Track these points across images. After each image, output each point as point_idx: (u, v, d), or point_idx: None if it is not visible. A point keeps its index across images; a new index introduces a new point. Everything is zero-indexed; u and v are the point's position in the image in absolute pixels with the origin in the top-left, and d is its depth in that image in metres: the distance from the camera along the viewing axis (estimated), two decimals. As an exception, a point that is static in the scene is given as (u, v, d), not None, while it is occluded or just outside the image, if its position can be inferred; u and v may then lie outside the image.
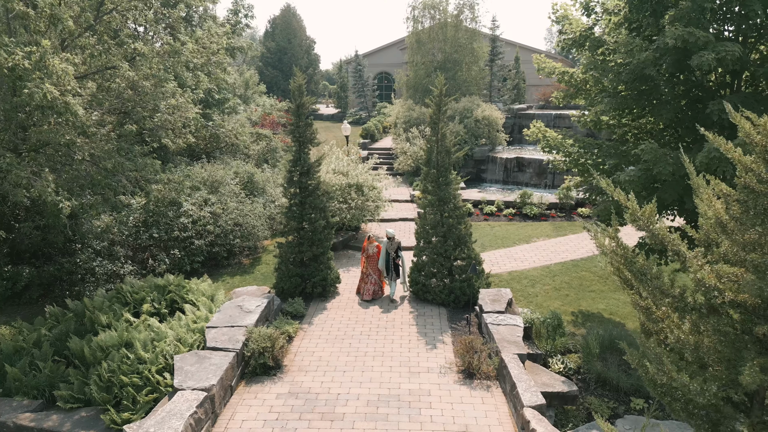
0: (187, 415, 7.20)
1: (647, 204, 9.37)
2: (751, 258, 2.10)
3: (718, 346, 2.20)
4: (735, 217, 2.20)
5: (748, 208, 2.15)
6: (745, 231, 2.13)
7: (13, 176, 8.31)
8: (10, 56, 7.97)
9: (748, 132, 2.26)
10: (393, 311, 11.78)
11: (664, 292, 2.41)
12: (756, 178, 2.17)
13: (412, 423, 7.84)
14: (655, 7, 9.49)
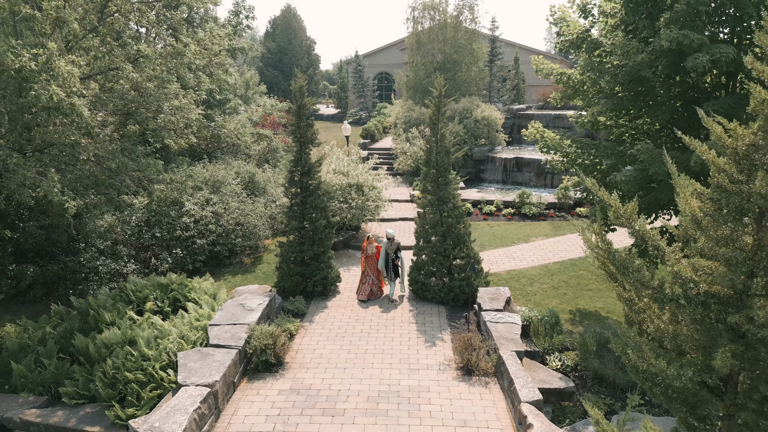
0: (191, 410, 7.35)
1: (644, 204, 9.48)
2: (723, 252, 2.24)
3: (694, 334, 2.35)
4: (709, 215, 2.35)
5: (721, 206, 2.30)
6: (718, 227, 2.29)
7: (20, 176, 8.46)
8: (17, 58, 8.12)
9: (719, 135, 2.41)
10: (393, 310, 11.93)
11: (645, 284, 2.57)
12: (728, 178, 2.32)
13: (412, 418, 7.98)
14: (651, 10, 9.63)
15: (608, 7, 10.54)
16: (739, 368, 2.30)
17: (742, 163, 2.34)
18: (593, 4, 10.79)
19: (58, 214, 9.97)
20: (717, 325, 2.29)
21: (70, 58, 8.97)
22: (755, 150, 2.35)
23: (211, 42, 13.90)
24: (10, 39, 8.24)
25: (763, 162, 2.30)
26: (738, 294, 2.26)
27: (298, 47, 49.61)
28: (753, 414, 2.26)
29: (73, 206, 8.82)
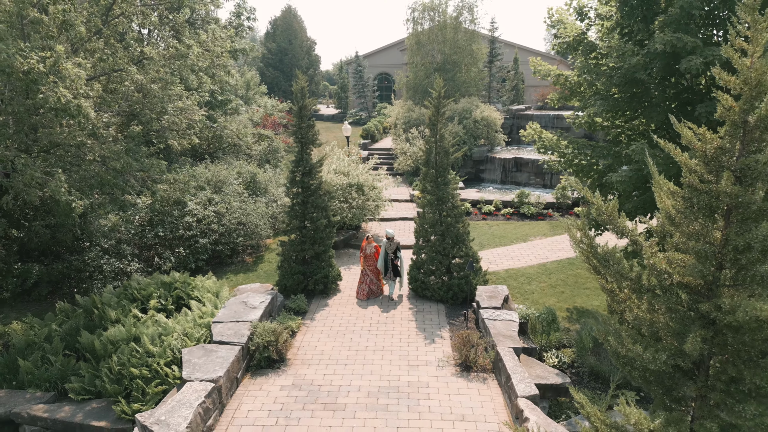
0: (196, 405, 7.53)
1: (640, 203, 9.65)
2: (694, 246, 2.43)
3: (669, 322, 2.53)
4: (681, 212, 2.53)
5: (692, 204, 2.48)
6: (690, 223, 2.47)
7: (27, 176, 8.64)
8: (26, 60, 8.31)
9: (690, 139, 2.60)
10: (393, 308, 12.12)
11: (624, 276, 2.75)
12: (698, 178, 2.51)
13: (411, 413, 8.17)
14: (646, 13, 9.81)
15: (604, 10, 10.72)
16: (709, 353, 2.49)
17: (711, 164, 2.53)
18: (590, 7, 10.97)
19: (64, 214, 10.16)
20: (689, 313, 2.47)
21: (77, 61, 9.15)
22: (722, 153, 2.54)
23: (213, 44, 14.09)
24: (19, 42, 8.42)
25: (730, 164, 2.49)
26: (708, 284, 2.45)
27: (298, 48, 49.79)
28: (722, 394, 2.44)
29: (80, 206, 9.00)
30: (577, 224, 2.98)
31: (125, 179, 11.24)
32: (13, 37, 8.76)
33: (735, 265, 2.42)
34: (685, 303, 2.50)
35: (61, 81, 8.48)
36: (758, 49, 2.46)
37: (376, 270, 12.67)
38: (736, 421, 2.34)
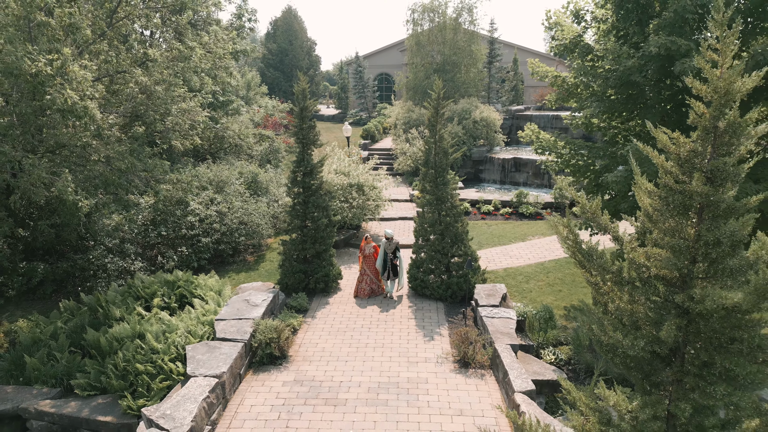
0: (201, 399, 7.72)
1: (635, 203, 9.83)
2: (670, 241, 2.61)
3: (647, 311, 2.71)
4: (658, 210, 2.72)
5: (668, 203, 2.67)
6: (666, 221, 2.65)
7: (35, 176, 8.82)
8: (33, 63, 8.49)
9: (664, 143, 2.79)
10: (392, 306, 12.30)
11: (606, 270, 2.94)
12: (673, 179, 2.69)
13: (411, 408, 8.36)
14: (641, 17, 10.00)
15: (600, 14, 10.91)
16: (684, 340, 2.67)
17: (685, 166, 2.72)
18: (586, 10, 11.16)
19: (70, 213, 10.34)
20: (665, 304, 2.65)
21: (83, 63, 9.34)
22: (695, 155, 2.72)
23: (216, 45, 14.28)
24: (27, 45, 8.60)
25: (702, 166, 2.68)
26: (682, 277, 2.64)
27: (298, 48, 49.97)
28: (695, 378, 2.62)
29: (86, 205, 9.18)
30: (563, 221, 3.17)
31: (129, 179, 11.42)
32: (21, 40, 8.95)
33: (707, 259, 2.61)
34: (661, 294, 2.69)
35: (68, 83, 8.67)
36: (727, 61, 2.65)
37: (376, 270, 12.83)
38: (707, 402, 2.53)
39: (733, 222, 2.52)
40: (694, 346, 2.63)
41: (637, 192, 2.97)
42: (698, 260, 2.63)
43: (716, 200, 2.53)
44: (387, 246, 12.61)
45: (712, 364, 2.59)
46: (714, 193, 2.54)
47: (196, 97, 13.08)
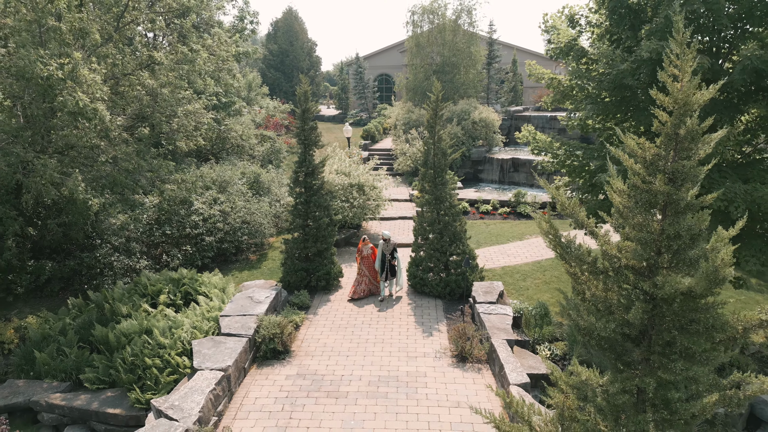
0: (207, 391, 8.02)
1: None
2: (637, 235, 2.91)
3: (619, 298, 3.00)
4: (627, 207, 3.02)
5: (636, 201, 2.97)
6: (634, 216, 2.95)
7: (47, 176, 9.12)
8: (45, 67, 8.79)
9: (632, 148, 3.09)
10: (392, 304, 12.60)
11: (583, 261, 3.23)
12: (640, 179, 2.99)
13: (409, 400, 8.66)
14: (633, 22, 10.30)
15: (594, 19, 11.20)
16: (650, 322, 2.96)
17: (650, 168, 3.01)
18: (581, 15, 11.45)
19: (80, 212, 10.63)
20: (634, 291, 2.95)
21: (92, 67, 9.64)
22: (659, 159, 3.02)
23: (219, 48, 14.57)
24: (40, 50, 8.90)
25: (664, 168, 2.97)
26: (649, 266, 2.93)
27: (299, 49, 50.23)
28: (659, 356, 2.92)
29: (96, 203, 9.48)
30: (544, 218, 3.46)
31: (136, 179, 11.72)
32: (34, 45, 9.25)
33: (670, 251, 2.91)
34: (631, 282, 2.98)
35: (79, 86, 8.97)
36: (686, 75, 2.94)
37: (374, 270, 12.99)
38: (669, 377, 2.82)
39: (690, 217, 2.82)
40: (660, 328, 2.93)
41: (609, 191, 3.27)
42: (662, 252, 2.92)
43: (677, 198, 2.83)
44: (385, 247, 12.77)
45: (673, 343, 2.88)
46: (675, 192, 2.84)
47: (201, 100, 13.37)
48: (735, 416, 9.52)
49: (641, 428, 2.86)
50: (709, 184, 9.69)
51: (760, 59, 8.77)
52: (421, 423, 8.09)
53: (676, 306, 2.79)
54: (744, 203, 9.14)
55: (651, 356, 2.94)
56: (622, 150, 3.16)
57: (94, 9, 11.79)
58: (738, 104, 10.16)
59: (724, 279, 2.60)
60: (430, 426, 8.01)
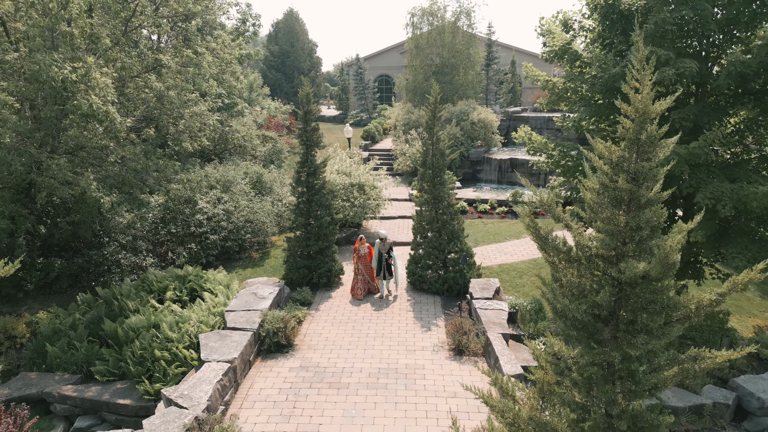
0: (215, 381, 8.39)
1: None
2: (605, 227, 3.28)
3: (592, 284, 3.37)
4: (597, 202, 3.38)
5: (604, 198, 3.34)
6: (603, 211, 3.32)
7: (61, 175, 9.50)
8: (60, 71, 9.17)
9: (600, 150, 3.45)
10: (392, 300, 12.97)
11: (559, 250, 3.59)
12: (608, 178, 3.36)
13: (408, 390, 9.03)
14: (625, 27, 10.67)
15: (587, 23, 11.56)
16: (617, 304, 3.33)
17: (615, 168, 3.38)
18: (574, 20, 11.82)
19: (88, 211, 11.00)
20: (604, 277, 3.31)
21: (104, 70, 10.01)
22: (623, 160, 3.39)
23: (223, 51, 14.94)
24: (54, 54, 9.28)
25: (628, 168, 3.34)
26: (616, 255, 3.31)
27: (300, 50, 50.63)
28: (624, 333, 3.29)
29: (108, 201, 9.85)
30: (526, 211, 3.83)
31: (143, 179, 12.08)
32: (47, 49, 9.63)
33: (633, 241, 3.27)
34: (601, 269, 3.35)
35: (92, 89, 9.34)
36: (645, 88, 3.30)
37: (371, 269, 13.22)
38: (631, 351, 3.18)
39: (648, 211, 3.19)
40: (625, 309, 3.28)
41: (582, 189, 3.64)
42: (627, 242, 3.29)
43: (638, 195, 3.20)
44: (381, 246, 13.01)
45: (636, 321, 3.24)
46: (637, 189, 3.21)
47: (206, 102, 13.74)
48: (723, 407, 9.89)
49: (609, 397, 3.23)
50: (697, 183, 10.07)
51: (743, 64, 9.15)
52: (419, 412, 8.46)
53: (638, 289, 3.16)
54: (731, 201, 9.49)
55: (618, 334, 3.31)
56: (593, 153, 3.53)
57: (102, 14, 12.16)
58: (725, 107, 10.53)
59: (675, 264, 2.98)
60: (428, 415, 8.38)
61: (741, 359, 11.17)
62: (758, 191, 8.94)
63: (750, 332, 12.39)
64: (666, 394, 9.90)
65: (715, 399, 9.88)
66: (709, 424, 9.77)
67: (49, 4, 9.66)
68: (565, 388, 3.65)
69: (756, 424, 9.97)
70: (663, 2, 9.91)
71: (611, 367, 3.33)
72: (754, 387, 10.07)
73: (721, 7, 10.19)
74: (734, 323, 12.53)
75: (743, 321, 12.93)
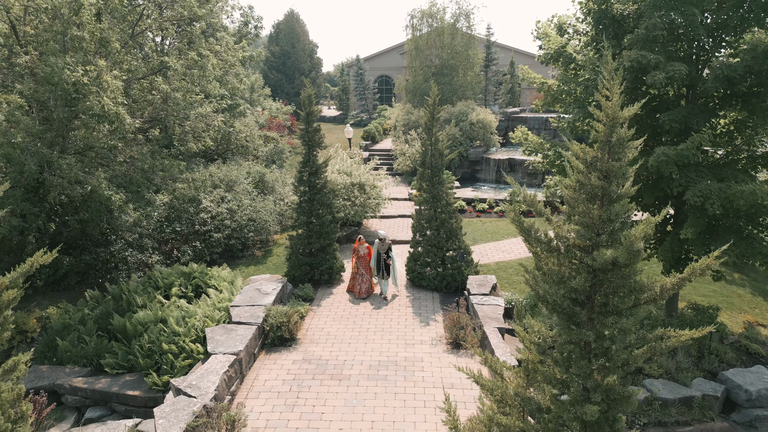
0: (222, 372, 8.74)
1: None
2: (581, 220, 3.64)
3: (570, 271, 3.72)
4: (574, 198, 3.74)
5: (580, 193, 3.69)
6: (579, 205, 3.67)
7: (72, 174, 9.86)
8: (72, 74, 9.53)
9: (575, 151, 3.81)
10: (390, 298, 13.31)
11: (541, 241, 3.95)
12: (583, 176, 3.72)
13: (407, 382, 9.39)
14: (617, 31, 11.02)
15: (581, 28, 11.92)
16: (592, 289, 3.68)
17: (590, 167, 3.74)
18: (568, 24, 12.17)
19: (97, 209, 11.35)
20: (580, 264, 3.67)
21: (114, 73, 10.37)
22: (596, 160, 3.74)
23: (227, 54, 15.30)
24: (67, 57, 9.64)
25: (601, 167, 3.70)
26: (591, 245, 3.66)
27: (301, 51, 51.01)
28: (598, 314, 3.64)
29: (119, 199, 10.21)
30: (511, 207, 4.19)
31: (150, 178, 12.44)
32: (59, 53, 9.99)
33: (605, 232, 3.63)
34: (577, 258, 3.70)
35: (103, 91, 9.70)
36: (615, 96, 3.65)
37: (370, 269, 13.46)
38: (603, 330, 3.54)
39: (617, 205, 3.54)
40: (599, 293, 3.64)
41: (561, 187, 3.99)
42: (601, 233, 3.64)
43: (609, 191, 3.55)
44: (380, 246, 13.27)
45: (607, 303, 3.60)
46: (608, 186, 3.56)
47: (211, 103, 14.11)
48: (712, 399, 10.24)
49: (585, 372, 3.58)
50: (687, 182, 10.42)
51: (730, 67, 9.50)
52: (417, 401, 8.81)
53: (610, 274, 3.51)
54: (718, 200, 9.83)
55: (593, 315, 3.65)
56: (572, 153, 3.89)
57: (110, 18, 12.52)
58: (714, 109, 10.88)
59: (639, 251, 3.33)
60: (426, 404, 8.74)
61: (731, 354, 11.53)
62: (744, 190, 9.27)
63: (740, 327, 12.74)
64: (657, 386, 10.26)
65: (705, 391, 10.22)
66: (699, 416, 10.12)
67: (61, 10, 10.02)
68: (547, 367, 4.00)
69: (744, 415, 10.31)
70: (654, 8, 10.24)
71: (587, 346, 3.69)
72: (742, 380, 10.41)
73: (710, 11, 10.54)
74: (725, 319, 12.88)
75: (734, 317, 13.28)
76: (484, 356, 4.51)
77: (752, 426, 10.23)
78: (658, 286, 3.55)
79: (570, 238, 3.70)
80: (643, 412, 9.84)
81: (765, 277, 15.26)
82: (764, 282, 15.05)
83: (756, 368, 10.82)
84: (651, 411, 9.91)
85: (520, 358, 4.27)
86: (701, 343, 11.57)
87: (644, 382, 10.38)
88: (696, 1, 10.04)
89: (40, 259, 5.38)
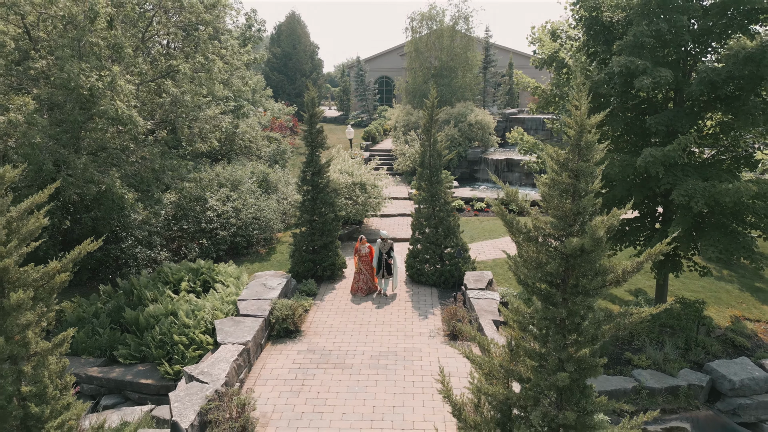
0: (231, 360, 9.26)
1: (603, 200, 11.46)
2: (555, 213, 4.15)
3: (547, 258, 4.22)
4: (549, 194, 4.26)
5: (554, 189, 4.21)
6: (553, 200, 4.19)
7: (88, 174, 10.39)
8: (87, 79, 10.06)
9: (549, 152, 4.33)
10: (390, 296, 13.83)
11: (521, 231, 4.46)
12: (556, 174, 4.23)
13: (406, 370, 9.91)
14: (607, 38, 11.54)
15: (573, 34, 12.44)
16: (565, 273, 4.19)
17: (562, 167, 4.26)
18: (562, 30, 12.69)
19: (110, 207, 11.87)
20: (555, 252, 4.18)
21: (127, 78, 10.90)
22: (568, 161, 4.26)
23: (233, 58, 15.82)
24: (82, 63, 10.17)
25: (572, 167, 4.22)
26: (565, 234, 4.17)
27: (302, 52, 51.51)
28: (570, 295, 4.16)
29: (132, 197, 10.73)
30: (496, 202, 4.69)
31: (159, 177, 12.97)
32: (74, 58, 10.53)
33: (577, 223, 4.14)
34: (552, 246, 4.22)
35: (117, 96, 10.23)
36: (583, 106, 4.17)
37: (371, 268, 13.80)
38: (574, 307, 4.06)
39: (585, 200, 4.06)
40: (571, 276, 4.15)
41: (538, 184, 4.51)
42: (572, 224, 4.16)
43: (578, 188, 4.07)
44: (382, 246, 13.59)
45: (578, 285, 4.11)
46: (577, 183, 4.08)
47: (218, 106, 14.64)
48: (697, 389, 10.75)
49: (559, 345, 4.10)
50: (674, 181, 10.93)
51: (713, 72, 10.01)
52: (416, 389, 9.33)
53: (579, 260, 4.02)
54: (703, 198, 10.33)
55: (566, 296, 4.17)
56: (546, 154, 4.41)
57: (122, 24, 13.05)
58: (699, 112, 11.39)
59: (601, 239, 3.85)
60: (424, 391, 9.26)
61: (717, 346, 12.05)
62: (730, 188, 9.76)
63: (727, 321, 13.25)
64: (645, 376, 10.77)
65: (690, 381, 10.73)
66: (684, 404, 10.64)
67: (77, 17, 10.55)
68: (528, 342, 4.51)
69: (728, 404, 10.82)
70: (642, 16, 10.76)
71: (562, 322, 4.19)
72: (727, 370, 10.92)
73: (696, 18, 11.04)
74: (712, 313, 13.39)
75: (721, 311, 13.79)
76: (473, 334, 5.02)
77: (735, 414, 10.74)
78: (620, 269, 4.07)
79: (546, 229, 4.22)
80: (630, 401, 10.35)
81: (753, 274, 15.77)
82: (752, 278, 15.56)
83: (740, 359, 11.33)
84: (639, 399, 10.42)
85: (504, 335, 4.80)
86: (689, 336, 12.08)
87: (632, 372, 10.89)
88: (683, 9, 10.56)
89: (88, 247, 6.01)
